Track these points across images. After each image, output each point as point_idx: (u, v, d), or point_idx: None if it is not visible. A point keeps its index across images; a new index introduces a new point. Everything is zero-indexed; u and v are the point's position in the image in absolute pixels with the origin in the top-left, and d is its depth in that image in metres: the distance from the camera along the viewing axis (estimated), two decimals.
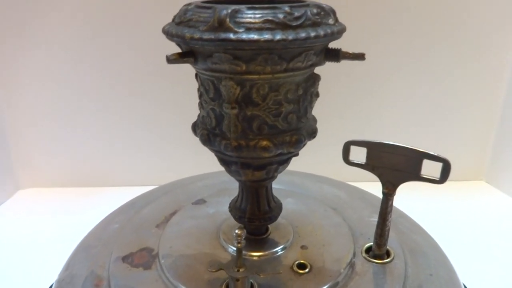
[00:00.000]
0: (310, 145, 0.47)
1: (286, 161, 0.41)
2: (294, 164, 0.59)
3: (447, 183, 0.85)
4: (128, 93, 0.81)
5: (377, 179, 0.41)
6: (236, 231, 0.36)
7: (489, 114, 0.85)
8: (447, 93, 0.82)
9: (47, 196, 0.85)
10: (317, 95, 0.40)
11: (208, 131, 0.38)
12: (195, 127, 0.40)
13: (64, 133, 0.85)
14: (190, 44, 0.33)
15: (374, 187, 0.58)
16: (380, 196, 0.41)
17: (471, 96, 0.83)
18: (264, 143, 0.36)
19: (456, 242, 0.65)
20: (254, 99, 0.35)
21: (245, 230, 0.37)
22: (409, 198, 0.59)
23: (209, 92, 0.36)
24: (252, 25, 0.30)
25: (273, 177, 0.42)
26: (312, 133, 0.40)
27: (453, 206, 0.78)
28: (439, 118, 0.84)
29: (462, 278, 0.46)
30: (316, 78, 0.38)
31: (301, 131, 0.38)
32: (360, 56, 0.35)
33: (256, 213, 0.43)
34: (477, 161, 0.88)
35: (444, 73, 0.81)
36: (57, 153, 0.86)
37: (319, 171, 0.68)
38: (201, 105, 0.39)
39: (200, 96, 0.38)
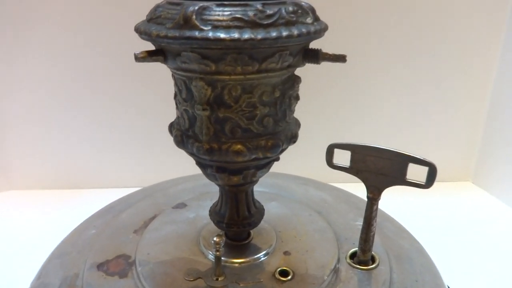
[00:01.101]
0: (294, 147, 0.46)
1: (265, 166, 0.39)
2: (278, 166, 0.58)
3: (433, 184, 0.84)
4: (109, 95, 0.79)
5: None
6: (215, 238, 0.35)
7: (476, 116, 0.84)
8: (433, 94, 0.82)
9: (24, 199, 0.83)
10: (297, 98, 0.38)
11: (182, 132, 0.37)
12: (171, 128, 0.39)
13: (43, 135, 0.82)
14: (157, 42, 0.32)
15: (360, 188, 0.57)
16: (364, 197, 0.40)
17: (457, 97, 0.83)
18: (237, 147, 0.34)
19: (441, 243, 0.64)
20: (226, 101, 0.33)
21: (224, 238, 0.35)
22: (395, 198, 0.58)
23: (182, 92, 0.35)
24: (219, 23, 0.29)
25: (252, 182, 0.40)
26: (292, 138, 0.38)
27: (439, 207, 0.78)
28: (425, 119, 0.84)
29: (448, 280, 0.45)
30: (295, 80, 0.36)
31: (278, 135, 0.36)
32: (340, 58, 0.33)
33: (235, 219, 0.41)
34: (464, 162, 0.88)
35: (430, 75, 0.80)
36: (35, 155, 0.84)
37: (304, 172, 0.67)
38: (176, 106, 0.37)
39: (175, 96, 0.37)
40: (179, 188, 0.57)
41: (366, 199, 0.40)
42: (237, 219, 0.41)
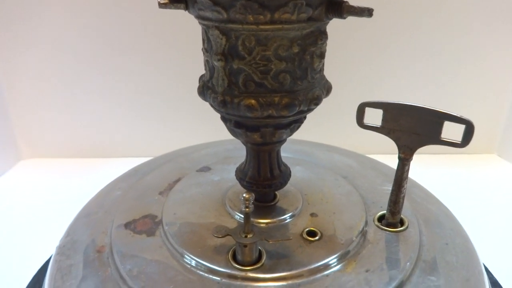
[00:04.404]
0: (320, 114, 0.44)
1: (285, 127, 0.37)
2: (303, 134, 0.57)
3: (459, 156, 0.83)
4: (132, 63, 0.79)
5: (388, 151, 0.39)
6: (244, 195, 0.34)
7: (502, 88, 0.82)
8: (460, 67, 0.79)
9: (48, 166, 0.84)
10: (321, 56, 0.35)
11: (204, 83, 0.37)
12: (200, 79, 0.39)
13: (66, 103, 0.83)
14: None
15: (385, 159, 0.56)
16: (391, 166, 0.39)
17: (484, 70, 0.80)
18: (249, 101, 0.33)
19: (467, 214, 0.63)
20: (240, 52, 0.32)
21: (253, 194, 0.35)
22: (420, 171, 0.56)
23: (204, 42, 0.35)
24: None
25: (274, 143, 0.39)
26: (313, 100, 0.36)
27: (464, 179, 0.77)
28: (451, 93, 0.82)
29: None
30: (318, 36, 0.34)
31: (296, 94, 0.34)
32: (366, 12, 0.31)
33: (256, 178, 0.41)
34: (489, 134, 0.86)
35: (458, 46, 0.77)
36: (59, 123, 0.85)
37: (329, 142, 0.66)
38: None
39: (202, 47, 0.37)
40: (202, 153, 0.57)
41: (392, 167, 0.39)
42: (258, 179, 0.41)
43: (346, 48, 0.76)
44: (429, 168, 0.77)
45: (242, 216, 0.40)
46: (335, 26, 0.40)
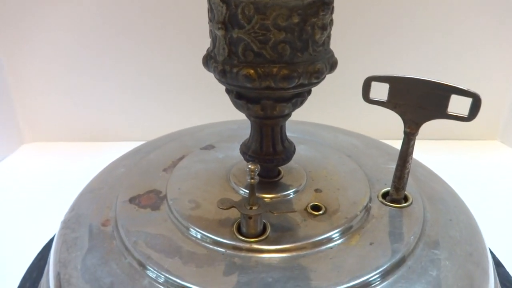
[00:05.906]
0: (324, 96, 0.44)
1: (287, 101, 0.37)
2: (307, 116, 0.57)
3: (461, 143, 0.83)
4: (133, 46, 0.78)
5: (393, 136, 0.38)
6: (249, 166, 0.34)
7: (505, 74, 0.81)
8: (464, 54, 0.79)
9: (50, 150, 0.84)
10: (323, 27, 0.34)
11: (208, 53, 0.37)
12: (207, 50, 0.38)
13: (69, 87, 0.82)
14: None
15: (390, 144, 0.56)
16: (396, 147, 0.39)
17: (487, 57, 0.79)
18: (247, 71, 0.33)
19: (470, 200, 0.63)
20: (240, 20, 0.32)
21: (258, 166, 0.35)
22: (423, 157, 0.56)
23: (209, 11, 0.35)
24: None
25: (276, 117, 0.39)
26: (314, 73, 0.35)
27: (467, 166, 0.77)
28: (453, 78, 0.81)
29: None
30: (320, 7, 0.33)
31: (295, 66, 0.34)
32: None
33: (258, 152, 0.41)
34: (492, 120, 0.86)
35: (460, 34, 0.77)
36: (61, 107, 0.85)
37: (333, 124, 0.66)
38: None
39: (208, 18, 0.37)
40: (206, 132, 0.57)
41: (396, 147, 0.39)
42: (260, 153, 0.41)
43: (353, 26, 0.75)
44: (431, 154, 0.77)
45: (247, 191, 0.40)
46: (344, 8, 0.39)
